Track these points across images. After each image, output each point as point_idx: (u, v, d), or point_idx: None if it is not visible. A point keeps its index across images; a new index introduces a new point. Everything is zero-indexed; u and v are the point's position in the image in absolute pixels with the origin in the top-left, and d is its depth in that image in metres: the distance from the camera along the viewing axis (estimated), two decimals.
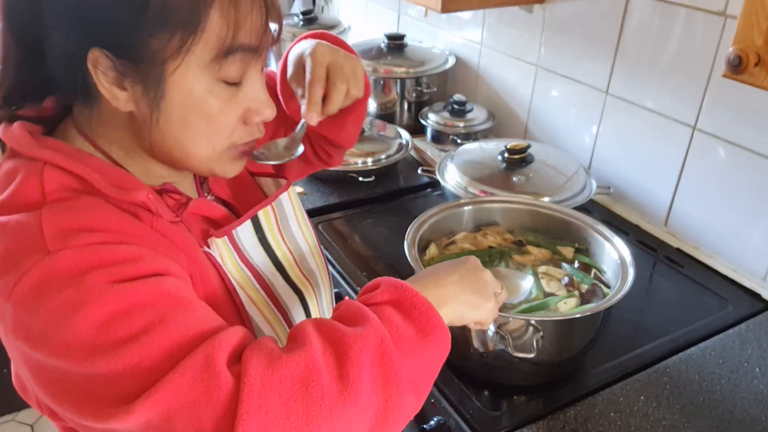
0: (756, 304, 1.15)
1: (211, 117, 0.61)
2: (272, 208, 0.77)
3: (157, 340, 0.54)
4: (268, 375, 0.53)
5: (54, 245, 0.55)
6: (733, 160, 1.18)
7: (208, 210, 0.72)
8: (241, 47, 0.59)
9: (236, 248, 0.72)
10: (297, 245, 0.81)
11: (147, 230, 0.62)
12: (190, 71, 0.58)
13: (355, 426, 0.55)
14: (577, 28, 1.43)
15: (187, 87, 0.59)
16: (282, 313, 0.75)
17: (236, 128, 0.64)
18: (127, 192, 0.61)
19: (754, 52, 0.71)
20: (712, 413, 0.91)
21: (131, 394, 0.52)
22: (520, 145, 1.32)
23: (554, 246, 1.07)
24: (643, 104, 1.32)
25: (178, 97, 0.59)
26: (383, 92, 1.78)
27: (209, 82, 0.60)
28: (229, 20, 0.57)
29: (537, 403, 0.93)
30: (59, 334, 0.53)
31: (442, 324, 0.62)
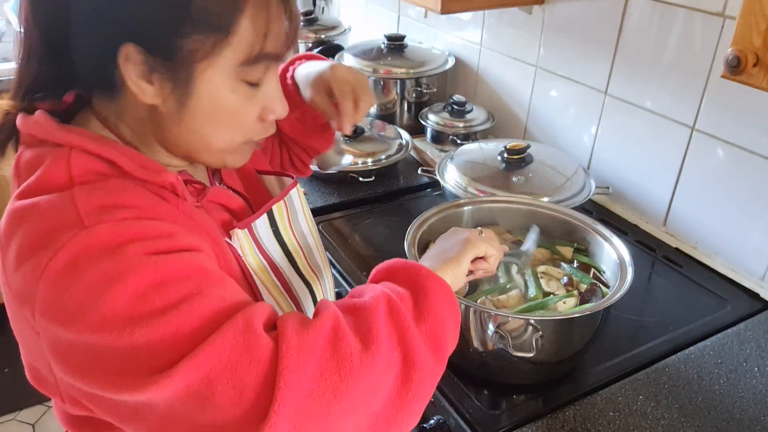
0: (755, 303, 1.15)
1: (234, 115, 0.65)
2: (284, 203, 0.80)
3: (196, 308, 0.56)
4: (303, 336, 0.56)
5: (90, 220, 0.56)
6: (731, 160, 1.18)
7: (226, 199, 0.74)
8: (267, 55, 0.62)
9: (255, 240, 0.74)
10: (305, 240, 0.84)
11: (174, 211, 0.64)
12: (218, 73, 0.61)
13: (383, 383, 0.58)
14: (576, 29, 1.43)
15: (214, 87, 0.62)
16: (294, 302, 0.78)
17: (254, 125, 0.68)
18: (156, 174, 0.63)
19: (752, 52, 0.71)
20: (710, 413, 0.92)
21: (170, 361, 0.53)
22: (520, 146, 1.32)
23: (553, 246, 1.08)
24: (642, 105, 1.32)
25: (205, 96, 0.62)
26: (383, 93, 1.79)
27: (234, 83, 0.63)
28: (258, 29, 0.60)
29: (536, 402, 0.94)
30: (96, 307, 0.54)
31: (433, 275, 0.67)
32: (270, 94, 0.67)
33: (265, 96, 0.66)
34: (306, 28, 2.13)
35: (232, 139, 0.67)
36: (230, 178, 0.80)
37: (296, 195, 0.83)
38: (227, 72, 0.62)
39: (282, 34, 0.62)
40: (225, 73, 0.62)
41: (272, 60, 0.64)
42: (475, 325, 0.90)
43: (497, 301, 0.95)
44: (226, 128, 0.66)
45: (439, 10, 1.35)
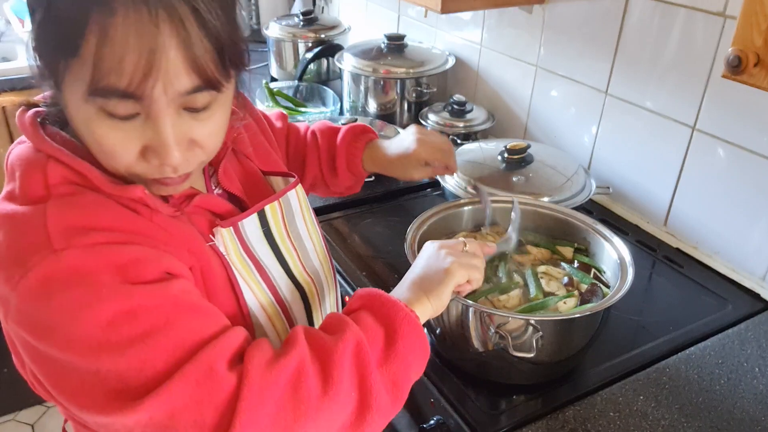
0: (755, 303, 1.15)
1: (99, 144, 0.59)
2: (279, 204, 0.79)
3: (162, 342, 0.57)
4: (266, 375, 0.58)
5: (59, 243, 0.57)
6: (732, 160, 1.18)
7: (214, 205, 0.73)
8: (111, 90, 0.55)
9: (241, 240, 0.74)
10: (302, 243, 0.83)
11: (148, 225, 0.64)
12: (74, 97, 0.57)
13: (336, 422, 0.61)
14: (576, 29, 1.43)
15: (74, 110, 0.59)
16: (282, 307, 0.77)
17: (138, 162, 0.61)
18: (124, 188, 0.62)
19: (753, 52, 0.71)
20: (711, 413, 0.92)
21: (135, 391, 0.55)
22: (520, 145, 1.32)
23: (554, 246, 1.07)
24: (643, 104, 1.32)
25: (74, 117, 0.60)
26: (383, 92, 1.78)
27: (93, 111, 0.57)
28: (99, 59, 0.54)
29: (536, 403, 0.94)
30: (66, 329, 0.55)
31: (411, 317, 0.69)
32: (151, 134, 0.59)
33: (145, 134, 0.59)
34: (306, 28, 2.13)
35: (115, 167, 0.62)
36: (227, 179, 0.79)
37: (294, 196, 0.83)
38: (82, 99, 0.57)
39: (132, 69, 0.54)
40: (80, 100, 0.57)
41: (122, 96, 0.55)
42: (475, 325, 0.90)
43: (497, 301, 0.95)
44: (109, 155, 0.60)
45: (440, 10, 1.35)
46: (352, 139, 1.05)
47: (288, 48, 2.13)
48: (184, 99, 0.58)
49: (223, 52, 0.58)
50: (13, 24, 2.36)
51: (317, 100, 2.01)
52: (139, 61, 0.53)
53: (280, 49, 2.15)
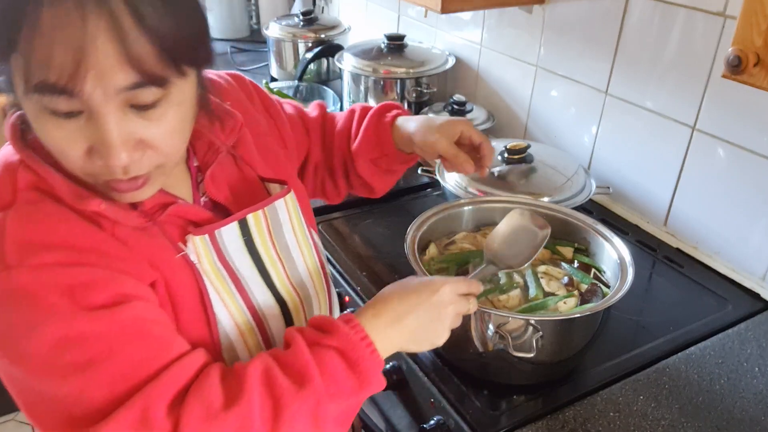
0: (755, 303, 1.15)
1: (47, 143, 0.57)
2: (264, 213, 0.75)
3: (102, 375, 0.56)
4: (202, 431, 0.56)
5: (12, 259, 0.57)
6: (732, 160, 1.18)
7: (193, 214, 0.70)
8: (44, 85, 0.52)
9: (217, 249, 0.70)
10: (289, 254, 0.78)
11: (106, 240, 0.62)
12: (20, 96, 0.56)
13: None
14: (576, 29, 1.43)
15: (29, 111, 0.57)
16: (257, 322, 0.72)
17: (83, 164, 0.58)
18: (83, 200, 0.60)
19: (753, 52, 0.71)
20: (711, 413, 0.92)
21: (77, 421, 0.55)
22: (520, 145, 1.32)
23: (554, 246, 1.07)
24: (643, 104, 1.32)
25: (30, 118, 0.57)
26: (383, 92, 1.78)
27: (37, 109, 0.55)
28: (30, 53, 0.51)
29: (536, 403, 0.94)
30: (15, 346, 0.56)
31: (381, 376, 0.66)
32: (93, 134, 0.56)
33: (87, 133, 0.56)
34: (306, 28, 2.13)
35: (71, 170, 0.59)
36: (215, 186, 0.75)
37: (283, 206, 0.78)
38: (25, 96, 0.55)
39: (61, 62, 0.51)
40: (24, 98, 0.55)
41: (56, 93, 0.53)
42: (475, 325, 0.90)
43: (497, 301, 0.95)
44: (63, 157, 0.58)
45: (440, 10, 1.35)
46: (383, 109, 0.99)
47: (288, 48, 2.13)
48: (126, 96, 0.54)
49: (166, 46, 0.54)
50: None
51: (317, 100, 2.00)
52: (67, 54, 0.51)
53: (280, 49, 2.15)
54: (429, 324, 0.71)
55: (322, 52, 2.03)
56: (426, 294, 0.71)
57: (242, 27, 2.65)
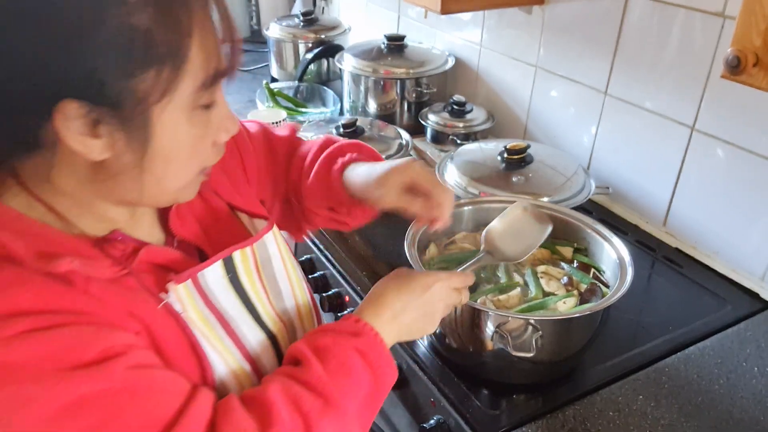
0: (755, 303, 1.15)
1: (193, 147, 0.59)
2: (252, 249, 0.72)
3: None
4: None
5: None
6: (731, 160, 1.18)
7: (162, 256, 0.65)
8: (220, 73, 0.57)
9: (201, 293, 0.65)
10: (275, 284, 0.75)
11: (80, 298, 0.56)
12: (177, 108, 0.56)
13: None
14: (576, 29, 1.43)
15: (173, 124, 0.56)
16: (251, 363, 0.69)
17: (209, 152, 0.63)
18: (48, 262, 0.54)
19: (752, 52, 0.71)
20: (710, 413, 0.92)
21: None
22: (520, 146, 1.32)
23: (553, 246, 1.08)
24: (642, 105, 1.32)
25: (165, 137, 0.56)
26: (383, 93, 1.79)
27: (190, 114, 0.57)
28: (207, 48, 0.55)
29: (536, 402, 0.94)
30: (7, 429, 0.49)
31: (394, 367, 0.69)
32: (222, 114, 0.61)
33: (218, 117, 0.61)
34: (306, 29, 2.13)
35: (189, 173, 0.62)
36: (182, 224, 0.71)
37: (271, 239, 0.75)
38: (184, 103, 0.56)
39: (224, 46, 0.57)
40: (183, 106, 0.56)
41: (225, 76, 0.58)
42: (475, 325, 0.90)
43: (497, 301, 0.95)
44: (185, 164, 0.60)
45: (439, 11, 1.35)
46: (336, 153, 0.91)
47: (288, 48, 2.14)
48: None
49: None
50: None
51: (317, 100, 2.01)
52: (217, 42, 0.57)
53: (281, 49, 2.15)
54: (422, 318, 0.75)
55: (323, 52, 2.03)
56: (419, 291, 0.74)
57: (242, 27, 2.65)
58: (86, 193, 0.59)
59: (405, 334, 0.74)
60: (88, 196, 0.60)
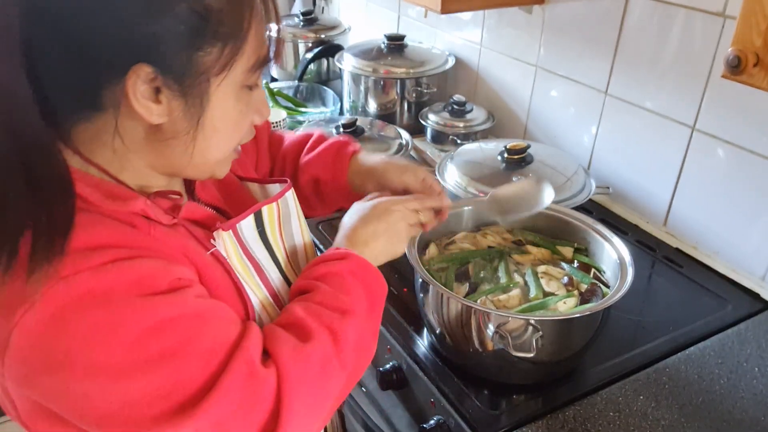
0: (755, 303, 1.15)
1: (237, 123, 0.66)
2: (277, 205, 0.79)
3: (194, 354, 0.57)
4: (298, 368, 0.63)
5: (65, 270, 0.54)
6: (732, 160, 1.18)
7: (200, 213, 0.72)
8: (266, 60, 0.64)
9: (240, 242, 0.73)
10: (292, 242, 0.83)
11: (148, 239, 0.62)
12: (230, 83, 0.62)
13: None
14: (576, 29, 1.43)
15: (225, 98, 0.62)
16: (276, 300, 0.77)
17: (246, 130, 0.69)
18: (123, 202, 0.61)
19: (753, 52, 0.71)
20: (711, 413, 0.92)
21: (176, 406, 0.55)
22: (520, 146, 1.32)
23: (553, 246, 1.07)
24: (642, 104, 1.32)
25: (216, 109, 0.62)
26: (383, 92, 1.79)
27: (239, 92, 0.64)
28: (261, 33, 0.62)
29: (536, 403, 0.94)
30: (88, 356, 0.54)
31: (385, 286, 0.79)
32: (260, 97, 0.69)
33: (257, 99, 0.68)
34: (306, 28, 2.13)
35: (230, 147, 0.68)
36: (205, 192, 0.78)
37: (291, 197, 0.82)
38: (236, 81, 0.62)
39: (273, 35, 0.64)
40: (234, 83, 0.62)
41: (268, 63, 0.65)
42: (475, 325, 0.90)
43: (497, 301, 0.95)
44: (229, 137, 0.66)
45: (439, 10, 1.35)
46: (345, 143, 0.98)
47: (288, 48, 2.14)
48: None
49: None
50: None
51: (317, 100, 2.01)
52: (264, 32, 0.63)
53: None
54: (390, 240, 0.82)
55: (323, 52, 2.03)
56: (382, 217, 0.82)
57: None
58: (136, 158, 0.64)
59: (380, 255, 0.81)
60: (137, 161, 0.64)
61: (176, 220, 0.67)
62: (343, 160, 0.95)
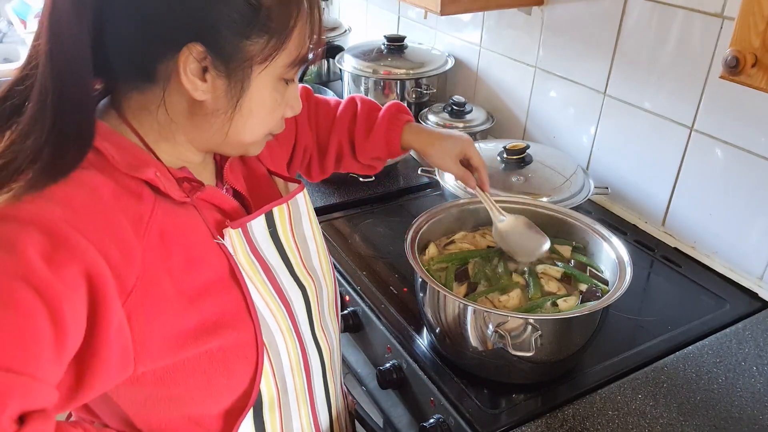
0: (753, 303, 1.16)
1: (270, 111, 0.71)
2: (288, 206, 0.81)
3: None
4: None
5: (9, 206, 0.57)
6: (730, 160, 1.19)
7: (221, 200, 0.74)
8: (305, 58, 0.69)
9: (249, 240, 0.74)
10: (305, 243, 0.84)
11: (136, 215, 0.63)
12: (269, 74, 0.67)
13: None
14: (575, 30, 1.44)
15: (263, 86, 0.67)
16: (285, 305, 0.77)
17: (279, 120, 0.74)
18: (135, 168, 0.64)
19: (751, 53, 0.71)
20: (709, 412, 0.92)
21: None
22: (519, 146, 1.32)
23: (552, 246, 1.08)
24: (641, 105, 1.33)
25: (255, 94, 0.67)
26: (383, 93, 1.79)
27: (276, 83, 0.69)
28: (304, 34, 0.67)
29: (535, 402, 0.94)
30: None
31: None
32: (294, 93, 0.73)
33: (291, 94, 0.72)
34: None
35: (262, 132, 0.72)
36: (233, 177, 0.80)
37: (302, 199, 0.84)
38: (275, 73, 0.67)
39: (315, 37, 0.69)
40: (274, 74, 0.67)
41: (308, 61, 0.70)
42: (474, 324, 0.90)
43: (497, 301, 0.96)
44: (262, 122, 0.71)
45: (439, 12, 1.36)
46: (396, 112, 1.04)
47: None
48: None
49: None
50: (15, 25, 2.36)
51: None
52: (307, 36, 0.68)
53: None
54: None
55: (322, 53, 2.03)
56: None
57: None
58: (176, 129, 0.69)
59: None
60: (178, 133, 0.69)
61: (189, 199, 0.69)
62: (394, 138, 1.03)
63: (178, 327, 0.65)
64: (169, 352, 0.65)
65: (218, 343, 0.68)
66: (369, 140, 1.03)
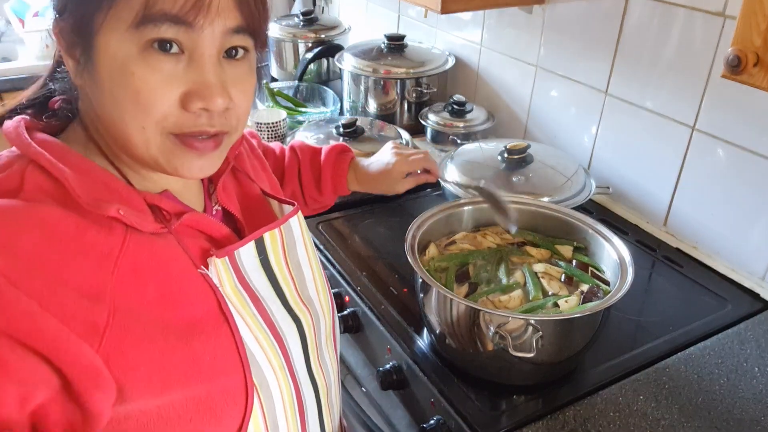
0: (755, 303, 1.15)
1: (134, 90, 0.55)
2: (280, 231, 0.74)
3: None
4: None
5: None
6: (732, 160, 1.18)
7: (207, 226, 0.67)
8: (164, 15, 0.53)
9: (236, 270, 0.67)
10: (300, 270, 0.77)
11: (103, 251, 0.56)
12: (114, 33, 0.54)
13: None
14: (576, 29, 1.43)
15: (111, 51, 0.54)
16: (278, 340, 0.70)
17: (172, 111, 0.57)
18: (97, 205, 0.56)
19: (752, 52, 0.71)
20: (711, 413, 0.92)
21: None
22: (520, 146, 1.32)
23: (553, 245, 1.07)
24: (643, 104, 1.32)
25: (105, 64, 0.55)
26: (383, 93, 1.79)
27: (133, 49, 0.54)
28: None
29: (536, 403, 0.94)
30: None
31: None
32: (194, 75, 0.57)
33: (187, 75, 0.56)
34: (306, 28, 2.13)
35: (141, 125, 0.57)
36: (226, 196, 0.74)
37: (296, 223, 0.77)
38: (123, 34, 0.54)
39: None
40: (121, 35, 0.54)
41: (174, 23, 0.54)
42: (475, 325, 0.90)
43: (498, 301, 0.95)
44: (131, 109, 0.56)
45: (439, 10, 1.35)
46: (336, 158, 1.08)
47: (288, 48, 2.14)
48: (225, 40, 0.57)
49: (263, 2, 0.59)
50: (13, 24, 2.36)
51: (317, 100, 2.01)
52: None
53: (280, 49, 2.15)
54: None
55: (323, 52, 2.03)
56: None
57: None
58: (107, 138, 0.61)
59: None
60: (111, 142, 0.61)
61: (165, 230, 0.62)
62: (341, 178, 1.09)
63: (165, 364, 0.58)
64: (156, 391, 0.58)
65: (206, 388, 0.61)
66: (321, 195, 1.09)
